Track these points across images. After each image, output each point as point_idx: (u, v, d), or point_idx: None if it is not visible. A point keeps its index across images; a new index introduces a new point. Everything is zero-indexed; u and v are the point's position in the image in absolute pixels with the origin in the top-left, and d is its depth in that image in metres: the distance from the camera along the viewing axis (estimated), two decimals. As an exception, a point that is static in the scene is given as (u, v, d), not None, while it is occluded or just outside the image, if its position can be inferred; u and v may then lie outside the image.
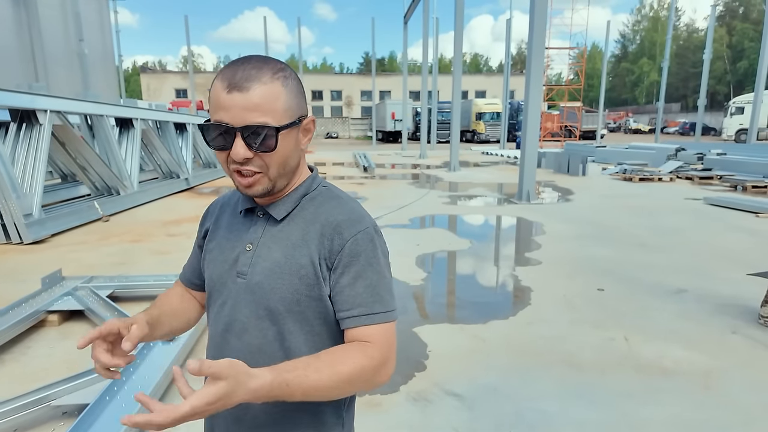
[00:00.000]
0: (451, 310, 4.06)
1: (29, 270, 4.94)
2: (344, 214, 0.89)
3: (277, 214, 0.90)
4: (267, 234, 0.90)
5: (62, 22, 18.14)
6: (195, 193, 11.02)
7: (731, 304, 3.95)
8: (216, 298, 0.94)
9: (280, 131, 0.81)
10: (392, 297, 0.89)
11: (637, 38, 70.07)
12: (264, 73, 0.80)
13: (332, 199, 0.92)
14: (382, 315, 0.86)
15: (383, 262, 0.89)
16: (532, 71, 8.71)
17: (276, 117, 0.80)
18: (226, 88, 0.79)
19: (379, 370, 0.83)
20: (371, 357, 0.82)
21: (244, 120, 0.79)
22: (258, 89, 0.79)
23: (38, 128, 6.87)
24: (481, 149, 26.71)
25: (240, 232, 0.93)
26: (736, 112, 30.18)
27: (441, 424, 2.42)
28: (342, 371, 0.79)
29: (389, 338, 0.86)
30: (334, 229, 0.87)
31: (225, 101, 0.79)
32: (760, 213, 7.63)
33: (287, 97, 0.82)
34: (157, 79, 51.42)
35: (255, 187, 0.85)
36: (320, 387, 0.77)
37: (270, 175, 0.85)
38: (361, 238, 0.86)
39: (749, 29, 50.27)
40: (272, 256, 0.88)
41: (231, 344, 0.90)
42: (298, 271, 0.86)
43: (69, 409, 2.45)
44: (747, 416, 2.45)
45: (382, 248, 0.90)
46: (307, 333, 0.88)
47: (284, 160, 0.85)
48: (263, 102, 0.79)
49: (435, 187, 11.54)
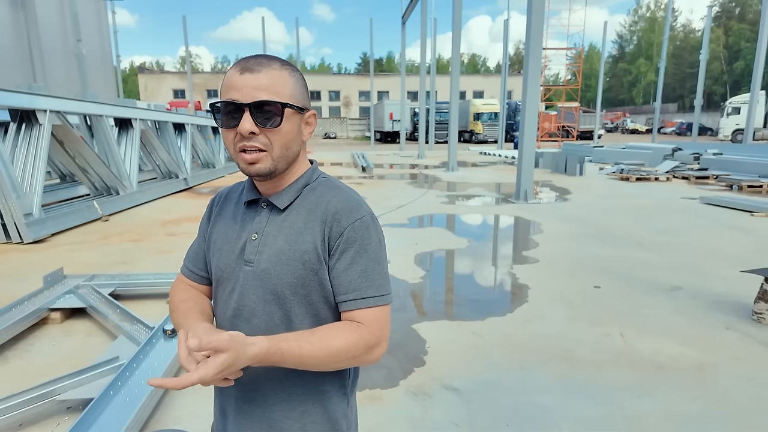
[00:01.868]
0: (449, 308, 4.10)
1: (30, 269, 4.97)
2: (343, 203, 0.93)
3: (280, 203, 0.95)
4: (271, 223, 0.95)
5: (60, 22, 18.13)
6: (194, 193, 11.05)
7: (725, 300, 4.00)
8: (225, 286, 0.98)
9: (285, 108, 0.87)
10: (387, 281, 0.94)
11: (634, 39, 70.28)
12: (274, 62, 0.90)
13: (332, 189, 0.97)
14: (376, 299, 0.91)
15: (378, 248, 0.94)
16: (529, 72, 8.77)
17: (282, 98, 0.88)
18: (239, 70, 0.87)
19: (370, 350, 0.89)
20: (361, 336, 0.88)
21: (253, 97, 0.85)
22: (268, 72, 0.87)
23: (38, 128, 6.89)
24: (478, 149, 26.78)
25: (245, 222, 0.98)
26: (732, 113, 30.31)
27: (440, 417, 2.46)
28: (332, 345, 0.85)
29: (382, 321, 0.91)
30: (333, 217, 0.92)
31: (236, 81, 0.86)
32: (755, 212, 7.70)
33: (294, 85, 0.90)
34: (154, 79, 51.36)
35: (258, 165, 0.89)
36: (310, 356, 0.83)
37: (273, 154, 0.89)
38: (358, 226, 0.91)
39: (746, 30, 50.49)
40: (277, 243, 0.93)
41: (240, 328, 0.94)
42: (302, 256, 0.91)
43: (73, 404, 2.49)
44: (739, 409, 2.50)
45: (377, 235, 0.95)
46: (312, 316, 0.93)
47: (287, 142, 0.91)
48: (272, 84, 0.87)
49: (433, 187, 11.59)
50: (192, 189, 11.62)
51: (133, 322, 3.32)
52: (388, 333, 0.93)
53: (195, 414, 2.48)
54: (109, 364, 2.68)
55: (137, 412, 2.24)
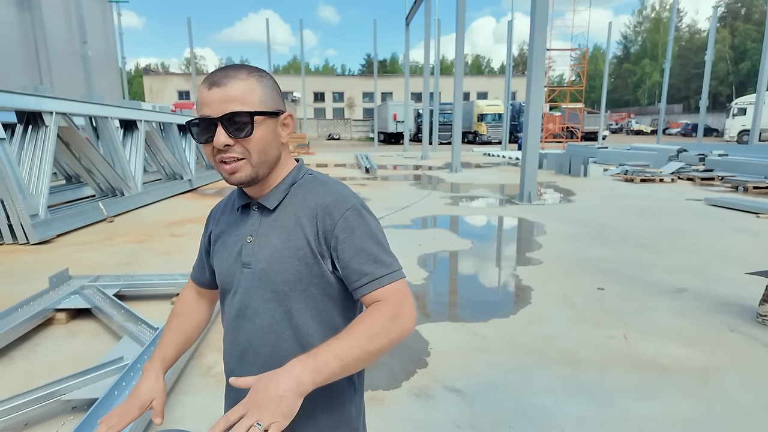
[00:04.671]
0: (452, 309, 4.10)
1: (36, 269, 5.00)
2: (331, 196, 0.95)
3: (269, 204, 0.98)
4: (263, 224, 0.98)
5: (66, 24, 18.26)
6: (198, 194, 11.09)
7: (730, 302, 3.98)
8: (228, 289, 1.02)
9: (254, 116, 0.89)
10: (393, 258, 0.94)
11: (638, 39, 69.99)
12: (240, 72, 0.91)
13: (319, 185, 0.99)
14: (388, 276, 0.91)
15: (376, 230, 0.95)
16: (533, 73, 8.76)
17: (251, 107, 0.89)
18: (207, 86, 0.89)
19: (396, 320, 0.87)
20: (382, 311, 0.87)
21: (223, 110, 0.88)
22: (234, 84, 0.89)
23: (44, 130, 6.94)
24: (482, 150, 26.73)
25: (239, 226, 1.01)
26: (738, 113, 30.12)
27: (442, 419, 2.46)
28: (358, 330, 0.84)
29: (401, 293, 0.91)
30: (324, 211, 0.94)
31: (206, 97, 0.89)
32: (761, 214, 7.65)
33: (262, 92, 0.92)
34: (159, 81, 51.59)
35: (238, 174, 0.92)
36: (347, 350, 0.81)
37: (252, 161, 0.92)
38: (350, 215, 0.93)
39: (752, 30, 50.20)
40: (271, 243, 0.95)
41: (244, 327, 0.97)
42: (296, 252, 0.93)
43: (78, 404, 2.51)
44: (744, 412, 2.49)
45: (372, 218, 0.97)
46: (312, 309, 0.95)
47: (263, 148, 0.92)
48: (239, 94, 0.89)
49: (437, 188, 11.58)
50: (197, 190, 11.67)
51: (138, 323, 3.34)
52: (412, 305, 0.91)
53: (197, 414, 2.50)
54: (114, 365, 2.70)
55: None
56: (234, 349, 1.01)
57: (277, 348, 0.95)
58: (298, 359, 0.79)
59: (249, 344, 0.98)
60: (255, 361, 0.97)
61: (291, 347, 0.95)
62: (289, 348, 0.95)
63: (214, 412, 2.51)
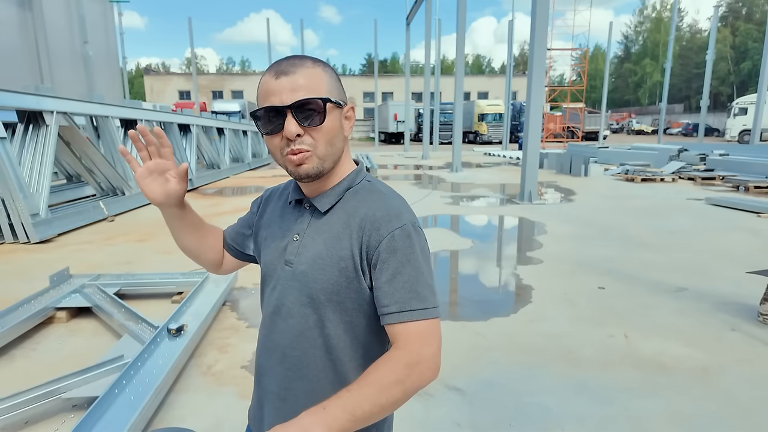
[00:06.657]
0: (453, 308, 4.10)
1: (37, 268, 5.01)
2: (383, 210, 0.90)
3: (321, 206, 0.94)
4: (312, 226, 0.94)
5: (67, 24, 18.27)
6: (199, 193, 11.09)
7: (731, 302, 3.98)
8: (268, 282, 1.00)
9: (326, 103, 0.87)
10: (432, 294, 0.87)
11: (639, 39, 69.96)
12: (305, 60, 0.89)
13: (373, 194, 0.94)
14: (420, 312, 0.84)
15: (421, 258, 0.88)
16: (534, 72, 8.75)
17: (321, 94, 0.87)
18: (274, 75, 0.86)
19: (413, 368, 0.81)
20: (397, 358, 0.82)
21: (293, 98, 0.85)
22: (302, 72, 0.86)
23: (45, 129, 6.95)
24: (483, 150, 26.74)
25: (290, 222, 0.99)
26: (739, 113, 30.10)
27: (443, 417, 2.46)
28: (369, 381, 0.80)
29: (426, 335, 0.84)
30: (372, 225, 0.88)
31: (274, 87, 0.86)
32: (762, 213, 7.65)
33: (329, 81, 0.89)
34: (160, 80, 51.61)
35: (305, 166, 0.88)
36: (357, 403, 0.77)
37: (318, 153, 0.88)
38: (398, 235, 0.87)
39: (753, 30, 50.17)
40: (316, 247, 0.92)
41: (278, 326, 0.95)
42: (338, 263, 0.89)
43: (79, 402, 2.51)
44: (744, 411, 2.49)
45: (420, 244, 0.90)
46: (345, 323, 0.92)
47: (331, 138, 0.89)
48: (308, 82, 0.86)
49: (437, 188, 11.58)
50: (197, 189, 11.67)
51: (138, 322, 3.34)
52: (436, 350, 0.84)
53: (198, 413, 2.50)
54: (114, 363, 2.70)
55: (141, 410, 2.26)
56: (266, 344, 0.99)
57: (307, 354, 0.93)
58: (307, 412, 0.76)
59: (280, 344, 0.95)
60: (283, 362, 0.95)
61: (320, 357, 0.92)
62: (318, 358, 0.92)
63: (214, 411, 2.51)
